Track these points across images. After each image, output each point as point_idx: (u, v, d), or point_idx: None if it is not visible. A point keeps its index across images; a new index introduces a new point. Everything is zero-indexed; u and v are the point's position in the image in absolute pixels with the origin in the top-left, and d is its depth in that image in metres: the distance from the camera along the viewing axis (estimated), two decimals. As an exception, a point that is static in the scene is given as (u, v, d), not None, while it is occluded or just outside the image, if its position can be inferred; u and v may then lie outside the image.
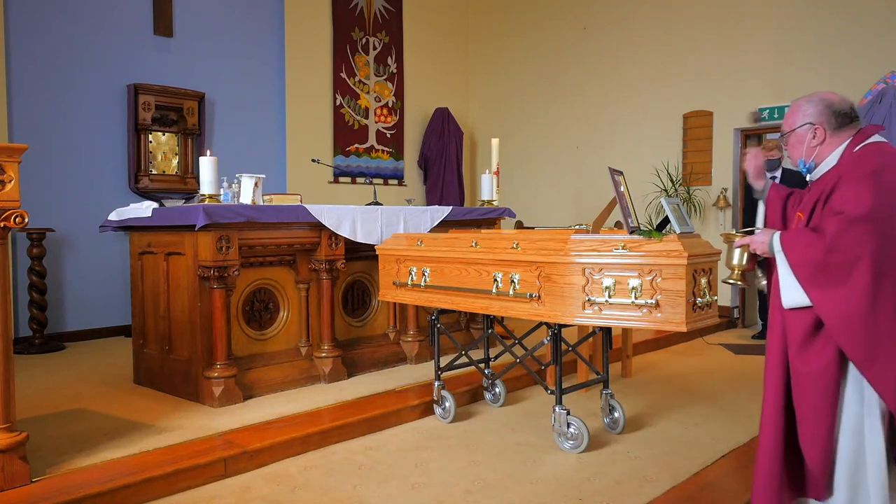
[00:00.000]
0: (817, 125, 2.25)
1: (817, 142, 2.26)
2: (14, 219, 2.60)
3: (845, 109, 2.25)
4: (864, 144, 2.18)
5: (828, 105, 2.26)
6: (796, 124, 2.30)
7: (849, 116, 2.24)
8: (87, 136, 6.06)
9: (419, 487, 2.89)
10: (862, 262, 1.97)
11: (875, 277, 1.97)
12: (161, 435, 3.28)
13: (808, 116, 2.28)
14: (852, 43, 6.36)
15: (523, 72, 8.86)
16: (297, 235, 4.18)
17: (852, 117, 2.24)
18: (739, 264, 2.26)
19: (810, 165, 2.29)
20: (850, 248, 1.98)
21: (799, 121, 2.30)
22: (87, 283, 6.03)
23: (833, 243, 2.01)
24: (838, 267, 1.99)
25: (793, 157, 2.33)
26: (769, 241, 2.15)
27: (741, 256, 2.26)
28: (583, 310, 2.95)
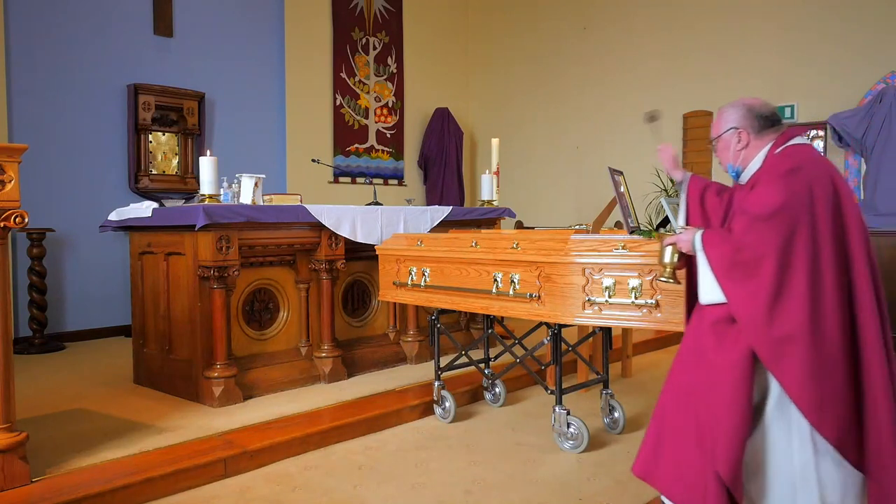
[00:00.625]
0: (741, 129, 2.30)
1: (742, 145, 2.31)
2: (14, 219, 2.60)
3: (767, 113, 2.30)
4: (785, 146, 2.23)
5: (750, 109, 2.32)
6: (721, 130, 2.35)
7: (770, 120, 2.29)
8: (87, 136, 6.06)
9: (419, 487, 2.89)
10: (767, 259, 2.01)
11: (781, 273, 2.00)
12: (161, 435, 3.28)
13: (732, 121, 2.32)
14: (852, 43, 6.36)
15: (523, 72, 8.86)
16: (297, 235, 4.18)
17: (774, 121, 2.30)
18: (671, 262, 2.31)
19: (738, 169, 2.34)
20: (755, 247, 2.03)
21: (724, 126, 2.34)
22: (87, 283, 6.03)
23: (739, 242, 2.07)
24: (746, 264, 2.04)
25: (722, 161, 2.39)
26: (692, 239, 2.19)
27: (671, 255, 2.30)
28: (583, 310, 2.95)
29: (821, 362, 1.99)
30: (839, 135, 6.24)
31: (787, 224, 2.02)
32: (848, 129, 6.12)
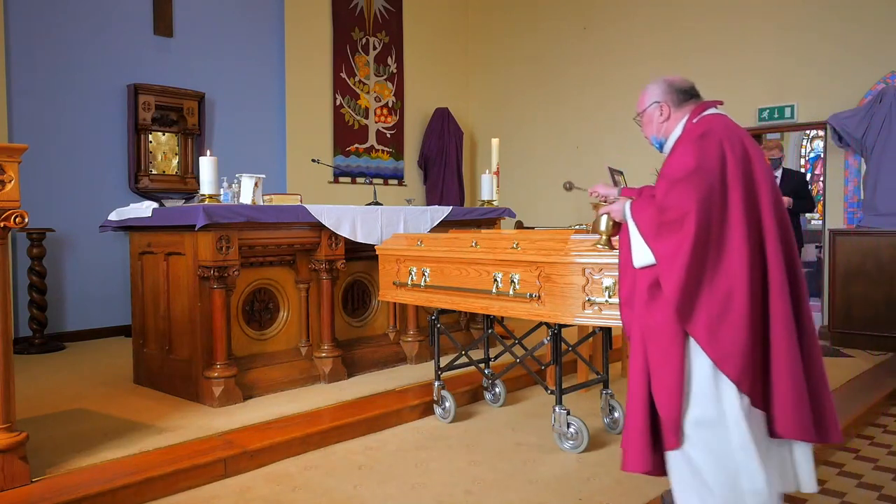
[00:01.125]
0: (662, 103, 2.45)
1: (664, 118, 2.46)
2: (14, 219, 2.60)
3: (686, 87, 2.47)
4: (701, 115, 2.37)
5: (670, 84, 2.48)
6: (645, 105, 2.50)
7: (688, 93, 2.46)
8: (87, 136, 6.06)
9: (419, 487, 2.89)
10: (689, 217, 2.11)
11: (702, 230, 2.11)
12: (161, 435, 3.28)
13: (654, 96, 2.48)
14: (852, 43, 6.36)
15: (523, 72, 8.86)
16: (297, 235, 4.18)
17: (692, 94, 2.46)
18: (606, 230, 2.48)
19: (662, 140, 2.49)
20: (677, 207, 2.14)
21: (647, 101, 2.49)
22: (87, 283, 6.03)
23: (662, 204, 2.19)
24: (671, 224, 2.15)
25: (646, 134, 2.54)
26: (622, 208, 2.33)
27: (606, 223, 2.47)
28: (583, 310, 2.95)
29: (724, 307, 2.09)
30: (839, 135, 6.24)
31: (704, 182, 2.14)
32: (848, 129, 6.12)
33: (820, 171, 10.63)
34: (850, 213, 6.45)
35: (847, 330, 5.89)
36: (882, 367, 5.11)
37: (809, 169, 11.46)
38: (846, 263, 5.91)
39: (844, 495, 2.96)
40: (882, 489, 3.01)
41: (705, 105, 2.43)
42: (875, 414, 4.12)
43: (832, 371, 4.94)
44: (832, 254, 6.00)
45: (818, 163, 11.21)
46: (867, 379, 4.72)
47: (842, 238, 5.98)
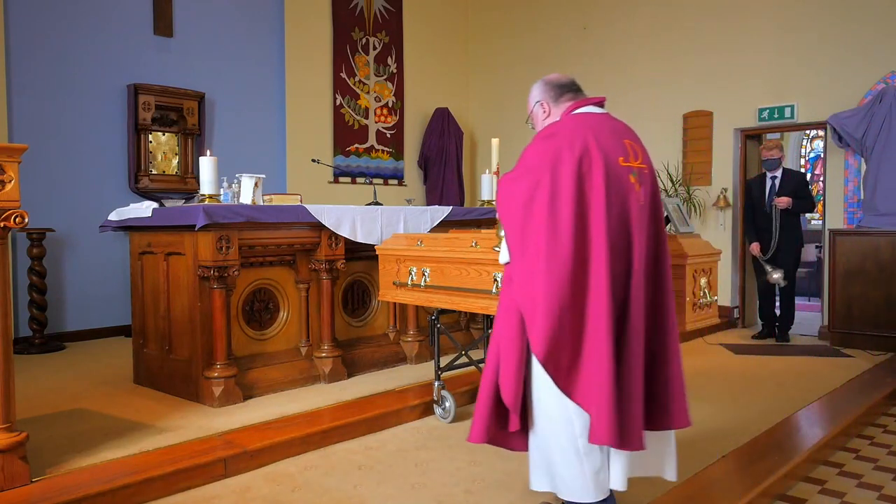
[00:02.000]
0: (542, 101, 2.53)
1: (546, 115, 2.53)
2: (14, 219, 2.60)
3: (562, 81, 2.53)
4: (573, 113, 2.42)
5: (547, 82, 2.55)
6: (530, 106, 2.58)
7: (567, 87, 2.50)
8: (87, 136, 6.06)
9: (419, 487, 2.89)
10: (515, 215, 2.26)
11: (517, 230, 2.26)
12: (161, 435, 3.28)
13: (535, 97, 2.56)
14: (852, 43, 6.36)
15: (523, 72, 8.85)
16: (297, 235, 4.18)
17: (571, 88, 2.50)
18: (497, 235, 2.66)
19: None
20: (504, 203, 2.32)
21: (531, 102, 2.58)
22: (87, 283, 6.03)
23: (498, 202, 2.39)
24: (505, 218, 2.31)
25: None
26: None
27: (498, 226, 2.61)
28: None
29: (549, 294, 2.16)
30: (839, 135, 6.24)
31: (531, 182, 2.24)
32: (848, 129, 6.12)
33: (820, 171, 10.64)
34: (850, 213, 6.45)
35: (847, 330, 5.89)
36: (882, 367, 5.12)
37: (809, 169, 11.47)
38: (846, 263, 5.91)
39: (844, 495, 2.96)
40: (882, 489, 3.01)
41: (579, 103, 2.45)
42: (875, 414, 4.12)
43: (832, 371, 4.96)
44: (832, 254, 6.00)
45: (818, 163, 11.21)
46: (867, 379, 4.73)
47: (842, 238, 5.98)
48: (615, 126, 2.39)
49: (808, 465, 3.22)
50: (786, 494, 2.98)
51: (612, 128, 2.36)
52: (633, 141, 2.38)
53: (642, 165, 2.35)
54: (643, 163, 2.36)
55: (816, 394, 4.31)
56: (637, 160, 2.33)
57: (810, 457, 3.24)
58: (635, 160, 2.33)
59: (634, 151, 2.35)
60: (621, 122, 2.44)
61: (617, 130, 2.37)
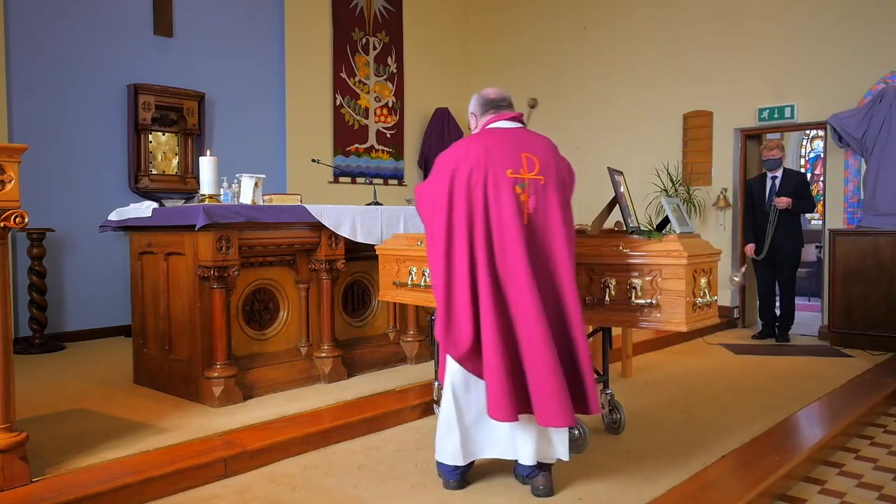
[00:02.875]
0: (473, 113, 2.85)
1: (475, 126, 2.84)
2: (14, 219, 2.60)
3: (491, 97, 2.79)
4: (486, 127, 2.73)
5: (479, 96, 2.83)
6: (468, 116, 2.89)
7: (492, 104, 2.78)
8: (87, 136, 6.06)
9: (419, 487, 2.89)
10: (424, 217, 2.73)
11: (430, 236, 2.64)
12: (161, 435, 3.28)
13: (470, 108, 2.87)
14: (852, 43, 6.36)
15: (523, 72, 8.86)
16: (297, 235, 4.18)
17: (495, 105, 2.78)
18: None
19: None
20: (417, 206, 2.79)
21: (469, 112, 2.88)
22: (87, 283, 6.03)
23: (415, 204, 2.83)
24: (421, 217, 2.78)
25: None
26: None
27: None
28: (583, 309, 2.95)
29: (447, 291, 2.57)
30: (839, 135, 6.24)
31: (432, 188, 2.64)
32: (848, 129, 6.12)
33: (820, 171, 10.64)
34: (850, 213, 6.45)
35: (847, 330, 5.89)
36: (882, 367, 5.12)
37: (809, 169, 11.47)
38: (846, 263, 5.91)
39: (844, 495, 2.96)
40: (882, 489, 3.01)
41: (495, 118, 2.74)
42: (875, 414, 4.12)
43: (832, 371, 4.96)
44: (832, 254, 6.00)
45: (818, 163, 11.21)
46: (867, 379, 4.73)
47: (842, 238, 5.98)
48: (521, 140, 2.65)
49: (808, 465, 3.22)
50: (786, 494, 2.98)
51: (516, 142, 2.64)
52: (534, 154, 2.62)
53: (538, 177, 2.59)
54: (540, 174, 2.61)
55: (816, 394, 4.31)
56: (532, 171, 2.58)
57: (810, 457, 3.24)
58: (529, 172, 2.58)
59: (530, 163, 2.59)
60: (533, 136, 2.70)
61: (520, 144, 2.63)
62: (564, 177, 2.73)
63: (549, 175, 2.63)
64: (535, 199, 2.58)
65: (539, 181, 2.60)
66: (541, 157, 2.64)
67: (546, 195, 2.60)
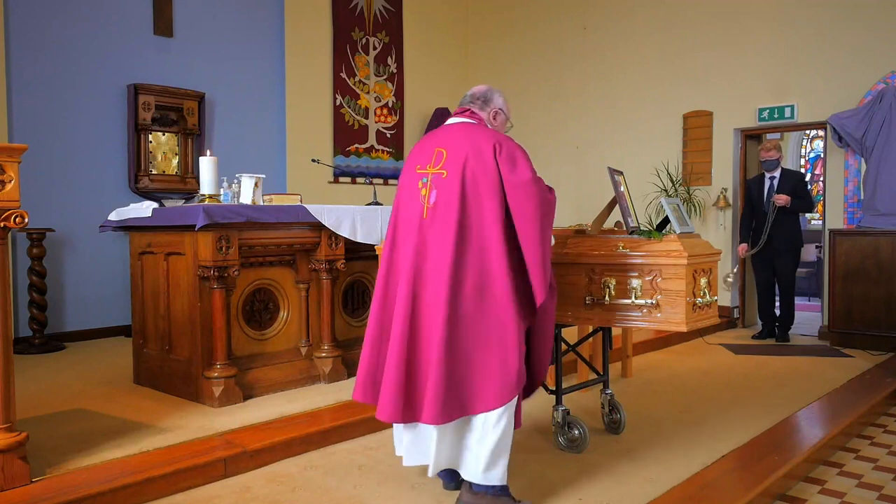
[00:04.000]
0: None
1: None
2: (14, 219, 2.60)
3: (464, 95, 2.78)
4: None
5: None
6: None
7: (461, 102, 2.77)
8: (87, 136, 6.06)
9: (419, 487, 2.89)
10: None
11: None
12: (161, 435, 3.28)
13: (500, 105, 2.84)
14: (852, 43, 6.36)
15: (523, 72, 8.86)
16: (297, 235, 4.18)
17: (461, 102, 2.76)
18: None
19: None
20: None
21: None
22: (87, 283, 6.03)
23: None
24: None
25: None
26: None
27: None
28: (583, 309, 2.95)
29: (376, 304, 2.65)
30: (839, 135, 6.24)
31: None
32: (848, 129, 6.12)
33: (820, 171, 10.64)
34: (850, 213, 6.45)
35: (847, 330, 5.89)
36: (882, 367, 5.12)
37: (809, 169, 11.47)
38: (846, 263, 5.91)
39: (844, 495, 2.96)
40: (882, 489, 3.01)
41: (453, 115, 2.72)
42: (875, 414, 4.12)
43: (832, 371, 4.96)
44: (832, 254, 6.00)
45: (818, 163, 11.21)
46: (867, 379, 4.73)
47: (842, 238, 5.98)
48: (445, 134, 2.60)
49: (808, 465, 3.22)
50: (786, 494, 2.98)
51: (438, 137, 2.61)
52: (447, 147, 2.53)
53: (440, 171, 2.51)
54: (444, 168, 2.50)
55: (816, 394, 4.31)
56: (437, 166, 2.51)
57: (810, 457, 3.24)
58: (435, 166, 2.51)
59: (438, 156, 2.52)
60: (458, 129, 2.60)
61: (439, 138, 2.58)
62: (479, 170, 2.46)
63: (453, 168, 2.48)
64: (435, 194, 2.50)
65: (440, 175, 2.51)
66: (451, 150, 2.52)
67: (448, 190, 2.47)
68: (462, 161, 2.47)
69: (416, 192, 2.54)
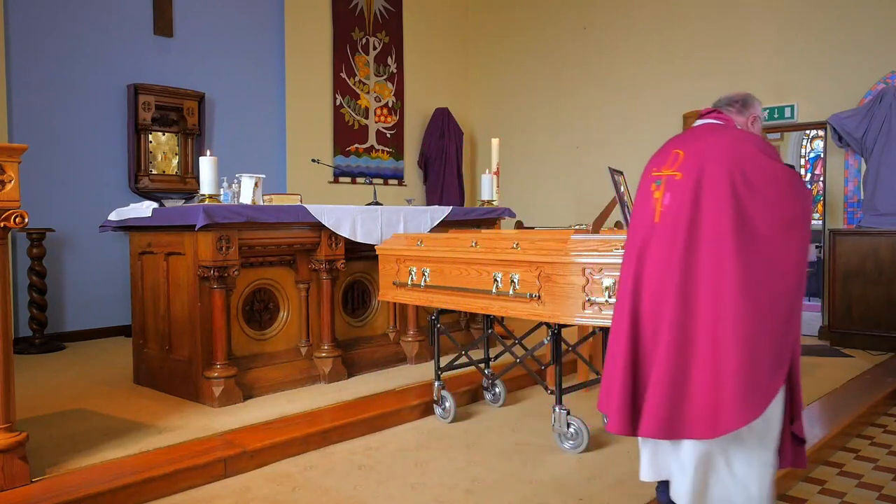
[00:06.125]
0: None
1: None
2: (14, 219, 2.60)
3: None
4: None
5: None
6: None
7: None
8: (87, 136, 6.06)
9: (419, 487, 2.89)
10: None
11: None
12: (161, 435, 3.28)
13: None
14: (852, 43, 6.36)
15: (523, 72, 8.86)
16: (297, 235, 4.18)
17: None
18: None
19: None
20: None
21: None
22: (87, 283, 6.03)
23: None
24: None
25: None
26: None
27: None
28: (583, 310, 2.95)
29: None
30: (839, 135, 6.24)
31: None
32: (848, 129, 6.12)
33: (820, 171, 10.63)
34: (850, 213, 6.45)
35: (847, 330, 5.89)
36: (882, 367, 5.11)
37: (809, 169, 11.46)
38: (846, 263, 5.91)
39: (844, 495, 2.96)
40: (882, 489, 3.01)
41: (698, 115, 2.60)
42: (875, 414, 4.12)
43: (832, 371, 4.96)
44: (832, 254, 6.00)
45: (818, 163, 11.21)
46: (867, 379, 4.72)
47: (842, 238, 5.97)
48: (687, 136, 2.47)
49: (808, 465, 3.21)
50: (786, 494, 2.98)
51: (679, 139, 2.48)
52: (684, 148, 2.35)
53: (674, 173, 2.32)
54: (679, 169, 2.31)
55: (816, 394, 4.31)
56: (673, 167, 2.34)
57: (810, 457, 3.23)
58: (671, 167, 2.34)
59: (675, 158, 2.35)
60: (701, 130, 2.44)
61: (679, 140, 2.45)
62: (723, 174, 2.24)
63: (689, 170, 2.30)
64: (667, 197, 2.31)
65: (674, 177, 2.32)
66: (689, 151, 2.34)
67: (684, 193, 2.28)
68: (700, 162, 2.29)
69: (650, 195, 2.38)
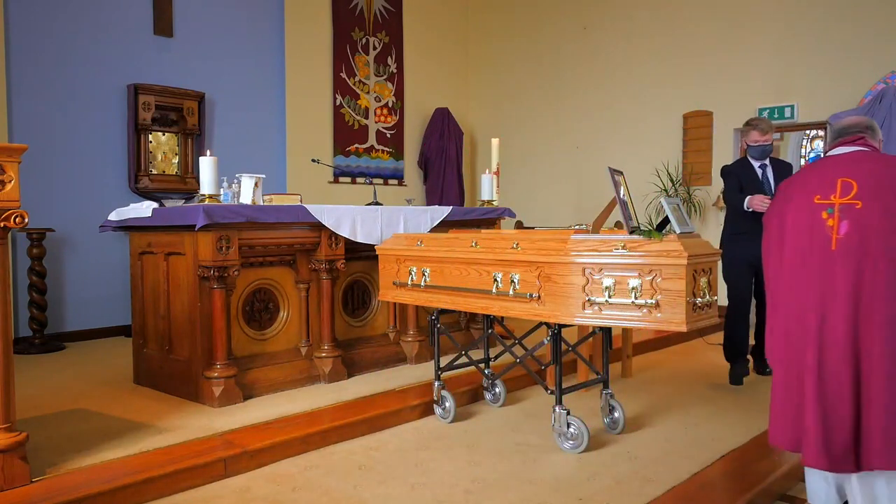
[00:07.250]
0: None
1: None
2: (14, 219, 2.60)
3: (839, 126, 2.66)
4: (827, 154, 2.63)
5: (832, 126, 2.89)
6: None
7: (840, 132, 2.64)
8: (87, 136, 6.06)
9: (419, 487, 2.89)
10: None
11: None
12: (161, 435, 3.28)
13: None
14: (852, 43, 6.36)
15: (523, 72, 8.86)
16: (297, 235, 4.18)
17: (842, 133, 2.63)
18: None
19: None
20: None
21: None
22: (87, 283, 6.03)
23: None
24: None
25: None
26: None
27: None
28: (583, 310, 2.95)
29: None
30: (839, 135, 6.23)
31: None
32: (848, 129, 6.11)
33: (820, 171, 10.60)
34: (850, 213, 6.44)
35: None
36: None
37: (809, 169, 11.44)
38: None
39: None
40: (882, 489, 3.01)
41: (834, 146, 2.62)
42: None
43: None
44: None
45: (818, 163, 11.18)
46: (867, 379, 4.71)
47: (842, 238, 5.96)
48: (846, 164, 2.48)
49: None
50: (786, 494, 2.98)
51: (837, 166, 2.48)
52: (852, 177, 2.40)
53: (853, 201, 2.37)
54: (856, 198, 2.37)
55: None
56: (847, 196, 2.38)
57: None
58: (843, 196, 2.39)
59: (846, 186, 2.39)
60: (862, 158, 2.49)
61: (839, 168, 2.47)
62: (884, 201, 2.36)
63: (865, 198, 2.37)
64: (845, 225, 2.38)
65: (854, 206, 2.38)
66: (862, 181, 2.39)
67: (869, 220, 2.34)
68: (877, 192, 2.36)
69: (819, 222, 2.41)
